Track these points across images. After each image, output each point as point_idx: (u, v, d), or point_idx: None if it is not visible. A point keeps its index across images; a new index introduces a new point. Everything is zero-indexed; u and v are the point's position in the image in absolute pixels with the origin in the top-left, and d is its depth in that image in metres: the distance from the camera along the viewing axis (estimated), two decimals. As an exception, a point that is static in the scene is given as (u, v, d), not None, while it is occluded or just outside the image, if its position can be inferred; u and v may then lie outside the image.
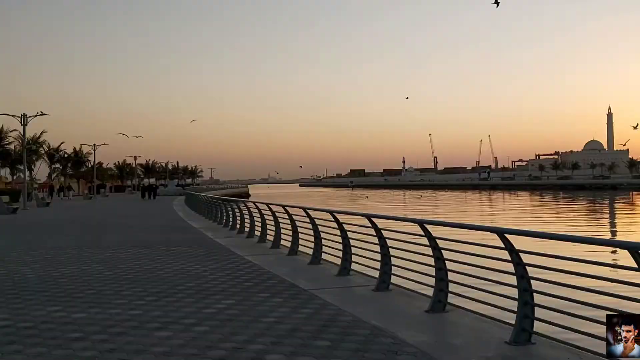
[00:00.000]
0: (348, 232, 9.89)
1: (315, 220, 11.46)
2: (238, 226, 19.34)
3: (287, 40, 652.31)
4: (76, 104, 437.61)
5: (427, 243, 7.17)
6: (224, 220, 22.41)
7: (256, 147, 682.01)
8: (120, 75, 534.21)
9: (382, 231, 8.46)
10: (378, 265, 8.69)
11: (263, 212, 16.27)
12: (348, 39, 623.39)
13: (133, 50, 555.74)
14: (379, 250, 8.64)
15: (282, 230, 14.32)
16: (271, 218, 15.00)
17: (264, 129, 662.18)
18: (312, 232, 11.68)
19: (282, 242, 14.30)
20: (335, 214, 10.21)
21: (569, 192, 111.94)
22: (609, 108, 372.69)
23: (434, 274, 7.15)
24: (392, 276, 8.55)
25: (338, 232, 10.13)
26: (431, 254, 7.17)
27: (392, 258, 8.47)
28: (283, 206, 13.50)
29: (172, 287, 9.13)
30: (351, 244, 9.91)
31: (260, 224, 16.32)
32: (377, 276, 8.69)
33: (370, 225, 8.73)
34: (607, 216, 50.67)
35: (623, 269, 4.79)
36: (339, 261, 10.29)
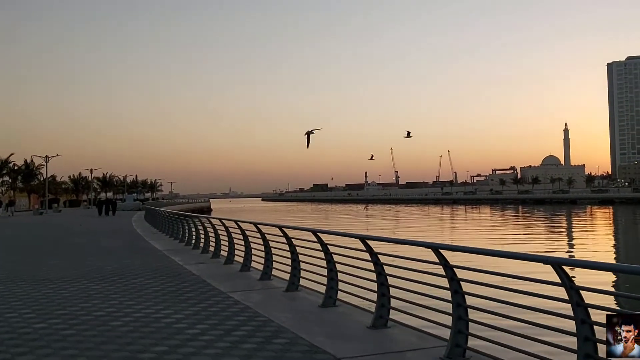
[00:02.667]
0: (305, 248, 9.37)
1: (293, 240, 9.86)
2: (211, 248, 16.32)
3: (247, 55, 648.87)
4: (28, 113, 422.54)
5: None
6: (187, 238, 20.02)
7: (217, 161, 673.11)
8: (77, 85, 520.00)
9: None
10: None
11: (231, 229, 14.06)
12: (307, 54, 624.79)
13: (89, 61, 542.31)
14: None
15: (254, 251, 12.57)
16: (240, 237, 12.97)
17: (224, 143, 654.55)
18: (289, 254, 10.12)
19: (254, 264, 12.44)
20: (284, 229, 9.88)
21: (530, 206, 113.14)
22: (566, 124, 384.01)
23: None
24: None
25: (322, 253, 8.62)
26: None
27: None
28: (255, 224, 11.73)
29: (132, 355, 6.09)
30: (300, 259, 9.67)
31: (241, 245, 13.40)
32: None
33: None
34: (564, 230, 52.76)
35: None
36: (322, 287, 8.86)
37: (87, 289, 10.54)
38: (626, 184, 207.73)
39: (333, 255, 8.26)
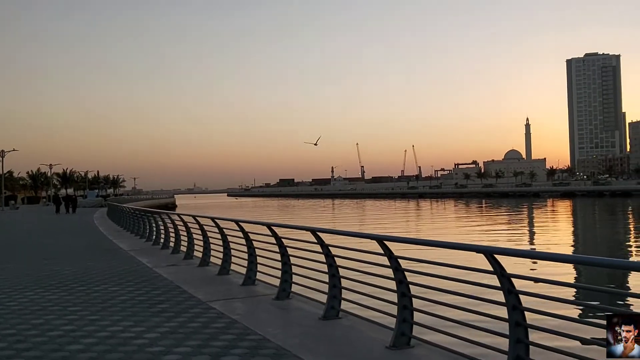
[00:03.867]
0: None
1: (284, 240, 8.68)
2: (183, 248, 14.92)
3: (212, 52, 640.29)
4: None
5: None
6: (155, 237, 18.53)
7: (181, 156, 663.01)
8: (36, 80, 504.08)
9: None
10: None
11: (205, 227, 12.70)
12: (275, 50, 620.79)
13: (50, 55, 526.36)
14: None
15: (233, 252, 11.31)
16: (218, 236, 11.68)
17: (188, 139, 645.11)
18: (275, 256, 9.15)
19: (234, 266, 11.19)
20: (273, 227, 8.81)
21: (494, 200, 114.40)
22: (527, 119, 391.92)
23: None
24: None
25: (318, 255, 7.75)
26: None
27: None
28: (237, 222, 10.18)
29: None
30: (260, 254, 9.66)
31: (218, 246, 12.05)
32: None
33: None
34: (524, 222, 54.06)
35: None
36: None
37: (41, 300, 9.06)
38: (585, 177, 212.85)
39: (288, 249, 8.37)
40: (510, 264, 4.65)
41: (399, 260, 5.81)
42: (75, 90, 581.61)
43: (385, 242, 5.85)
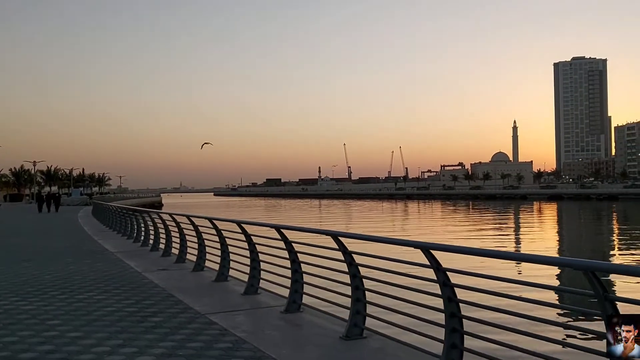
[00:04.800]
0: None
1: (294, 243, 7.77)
2: (174, 250, 13.85)
3: (200, 51, 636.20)
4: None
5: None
6: (144, 238, 17.49)
7: (167, 155, 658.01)
8: (20, 75, 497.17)
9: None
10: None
11: (200, 229, 11.66)
12: (264, 50, 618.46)
13: (34, 52, 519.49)
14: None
15: (231, 256, 10.22)
16: (214, 239, 10.75)
17: (174, 137, 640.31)
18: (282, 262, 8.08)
19: (233, 272, 10.24)
20: (282, 230, 7.98)
21: (482, 202, 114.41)
22: (514, 122, 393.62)
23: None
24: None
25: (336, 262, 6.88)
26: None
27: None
28: (239, 223, 9.09)
29: None
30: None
31: (214, 249, 11.01)
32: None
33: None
34: (511, 225, 54.90)
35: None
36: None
37: (16, 311, 7.96)
38: (570, 180, 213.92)
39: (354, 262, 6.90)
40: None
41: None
42: (61, 87, 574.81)
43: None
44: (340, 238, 6.15)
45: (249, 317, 7.50)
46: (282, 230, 7.53)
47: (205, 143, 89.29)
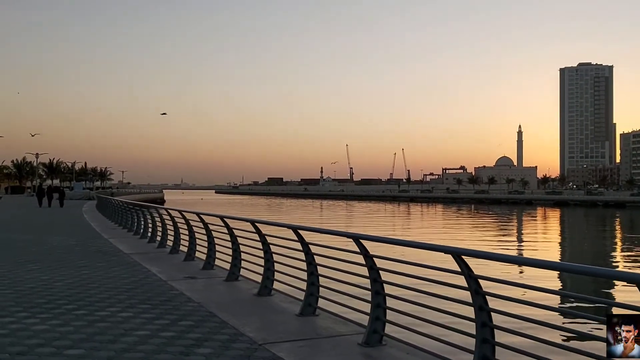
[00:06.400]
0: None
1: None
2: (199, 254, 12.32)
3: (203, 48, 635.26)
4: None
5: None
6: (161, 239, 15.95)
7: (169, 151, 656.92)
8: (24, 68, 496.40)
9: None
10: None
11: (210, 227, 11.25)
12: (267, 47, 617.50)
13: (39, 43, 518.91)
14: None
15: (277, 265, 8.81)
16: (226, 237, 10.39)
17: (177, 133, 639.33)
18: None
19: (277, 284, 8.94)
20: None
21: (486, 206, 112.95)
22: (519, 126, 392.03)
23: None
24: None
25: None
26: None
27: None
28: (295, 229, 7.56)
29: None
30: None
31: (255, 256, 9.45)
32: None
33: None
34: (515, 230, 54.39)
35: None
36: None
37: (25, 333, 6.37)
38: (575, 187, 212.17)
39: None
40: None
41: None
42: (65, 81, 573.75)
43: (362, 240, 5.99)
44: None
45: (318, 349, 5.96)
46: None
47: (163, 113, 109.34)
